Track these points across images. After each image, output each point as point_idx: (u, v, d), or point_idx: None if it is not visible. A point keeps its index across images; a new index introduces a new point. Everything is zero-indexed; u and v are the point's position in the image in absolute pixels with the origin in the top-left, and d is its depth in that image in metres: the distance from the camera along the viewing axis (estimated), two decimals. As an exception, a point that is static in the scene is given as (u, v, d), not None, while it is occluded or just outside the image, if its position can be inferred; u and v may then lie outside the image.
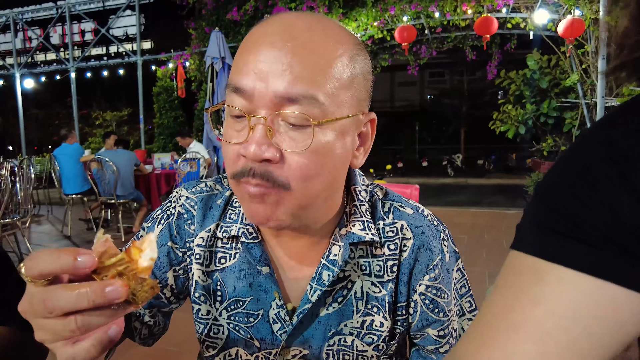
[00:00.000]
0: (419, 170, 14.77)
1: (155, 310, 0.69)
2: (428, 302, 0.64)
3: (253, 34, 0.53)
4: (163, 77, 9.09)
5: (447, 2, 5.99)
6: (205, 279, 0.66)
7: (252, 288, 0.64)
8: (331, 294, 0.63)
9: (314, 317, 0.63)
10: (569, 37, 5.77)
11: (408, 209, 0.67)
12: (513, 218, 5.91)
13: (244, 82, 0.50)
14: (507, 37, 7.73)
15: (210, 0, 7.27)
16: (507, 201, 8.76)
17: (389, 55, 8.55)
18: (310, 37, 0.50)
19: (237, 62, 0.53)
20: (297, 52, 0.49)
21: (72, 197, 5.46)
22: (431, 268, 0.64)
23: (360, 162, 0.59)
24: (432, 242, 0.65)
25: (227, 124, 0.54)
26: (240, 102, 0.51)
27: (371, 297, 0.64)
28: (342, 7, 6.44)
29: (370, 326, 0.64)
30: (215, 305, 0.66)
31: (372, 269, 0.64)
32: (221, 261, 0.66)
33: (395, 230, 0.65)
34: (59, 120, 22.12)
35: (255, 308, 0.64)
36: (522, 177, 9.58)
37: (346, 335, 0.64)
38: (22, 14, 9.94)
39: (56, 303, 0.36)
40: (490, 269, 3.83)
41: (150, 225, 0.69)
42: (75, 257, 0.36)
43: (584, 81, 6.43)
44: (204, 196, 0.68)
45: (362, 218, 0.62)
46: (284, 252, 0.65)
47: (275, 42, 0.49)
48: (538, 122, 7.56)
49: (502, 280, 0.38)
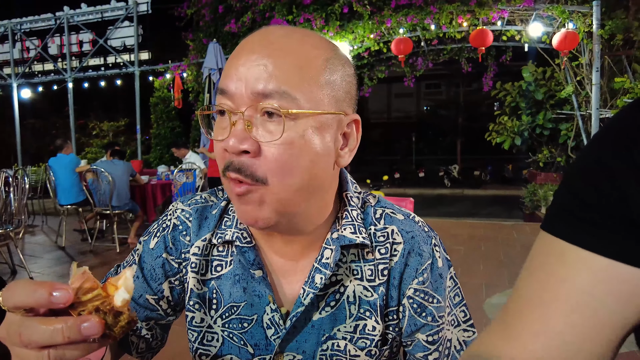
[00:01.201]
0: (416, 181, 14.79)
1: (152, 323, 0.69)
2: (416, 305, 0.65)
3: (239, 45, 0.57)
4: (160, 88, 9.11)
5: (442, 14, 6.05)
6: (200, 287, 0.67)
7: (246, 293, 0.65)
8: (324, 297, 0.64)
9: (307, 321, 0.64)
10: (563, 49, 5.83)
11: (399, 215, 0.69)
12: (510, 229, 5.91)
13: (227, 83, 0.54)
14: (503, 49, 7.81)
15: (208, 12, 7.32)
16: (503, 212, 8.77)
17: (385, 67, 8.62)
18: (287, 41, 0.55)
19: (225, 69, 0.57)
20: (273, 54, 0.53)
21: (67, 207, 5.42)
22: (420, 272, 0.65)
23: (345, 161, 0.61)
24: (423, 246, 0.66)
25: (215, 124, 0.58)
26: (225, 103, 0.55)
27: (363, 301, 0.65)
28: (339, 19, 6.49)
29: (363, 330, 0.65)
30: (210, 313, 0.67)
31: (363, 273, 0.65)
32: (217, 269, 0.67)
33: (386, 235, 0.66)
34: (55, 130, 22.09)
35: (249, 313, 0.65)
36: (519, 188, 9.59)
37: (339, 339, 0.64)
38: (21, 25, 9.97)
39: (31, 337, 0.36)
40: (487, 281, 3.81)
41: (147, 238, 0.71)
42: (51, 293, 0.36)
43: (579, 93, 6.49)
44: (199, 207, 0.70)
45: (353, 222, 0.64)
46: (278, 256, 0.66)
47: (255, 47, 0.54)
48: (534, 133, 7.60)
49: (534, 262, 0.45)
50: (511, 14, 6.29)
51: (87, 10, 9.45)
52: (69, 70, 9.65)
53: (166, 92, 8.95)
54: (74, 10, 9.55)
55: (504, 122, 7.87)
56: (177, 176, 5.41)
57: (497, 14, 6.05)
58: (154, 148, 9.19)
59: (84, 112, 17.55)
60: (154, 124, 9.22)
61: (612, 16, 5.74)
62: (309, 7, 6.53)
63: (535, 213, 6.99)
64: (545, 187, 6.66)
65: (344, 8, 6.39)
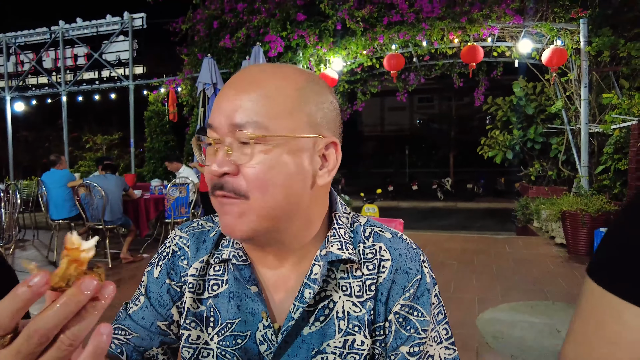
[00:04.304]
0: (409, 194, 14.85)
1: (166, 348, 0.72)
2: (402, 320, 0.67)
3: (224, 85, 0.63)
4: (155, 102, 9.13)
5: (434, 31, 6.15)
6: (197, 306, 0.70)
7: (240, 310, 0.68)
8: (314, 312, 0.67)
9: (297, 335, 0.66)
10: (552, 65, 5.94)
11: (387, 233, 0.72)
12: (502, 243, 5.93)
13: (213, 118, 0.61)
14: (494, 64, 7.94)
15: (202, 27, 7.39)
16: (496, 225, 8.82)
17: (378, 82, 8.72)
18: (260, 76, 0.61)
19: (213, 106, 0.63)
20: (246, 89, 0.59)
21: (58, 222, 5.38)
22: (407, 289, 0.67)
23: (324, 180, 0.64)
24: (410, 264, 0.69)
25: (207, 153, 0.64)
26: (212, 135, 0.61)
27: (352, 317, 0.67)
28: (333, 36, 6.58)
29: (352, 345, 0.66)
30: (207, 331, 0.69)
31: (352, 289, 0.68)
32: (214, 288, 0.70)
33: (374, 252, 0.69)
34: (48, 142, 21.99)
35: (243, 329, 0.67)
36: (511, 201, 9.66)
37: (329, 354, 0.66)
38: (15, 38, 9.99)
39: (44, 326, 0.34)
40: (480, 295, 3.81)
41: (150, 269, 0.74)
42: (27, 284, 0.34)
43: (568, 108, 6.59)
44: (196, 232, 0.75)
45: (341, 239, 0.67)
46: (271, 273, 0.69)
47: (233, 85, 0.61)
48: (525, 147, 7.69)
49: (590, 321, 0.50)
50: (501, 31, 6.41)
51: (82, 25, 9.51)
52: (64, 84, 9.66)
53: (160, 106, 8.97)
54: (69, 25, 9.60)
55: (496, 136, 7.96)
56: (170, 191, 5.39)
57: (488, 30, 6.17)
58: (147, 162, 9.17)
59: (77, 125, 17.50)
60: (147, 137, 9.21)
61: (598, 33, 5.87)
62: (303, 24, 6.61)
63: (527, 226, 7.04)
64: (537, 200, 6.73)
65: (337, 25, 6.48)
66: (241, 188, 0.59)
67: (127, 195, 5.29)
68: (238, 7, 7.02)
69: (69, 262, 0.37)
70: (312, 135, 0.61)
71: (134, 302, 0.73)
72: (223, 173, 0.59)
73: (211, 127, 0.61)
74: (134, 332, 0.69)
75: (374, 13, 6.39)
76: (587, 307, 0.50)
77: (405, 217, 2.21)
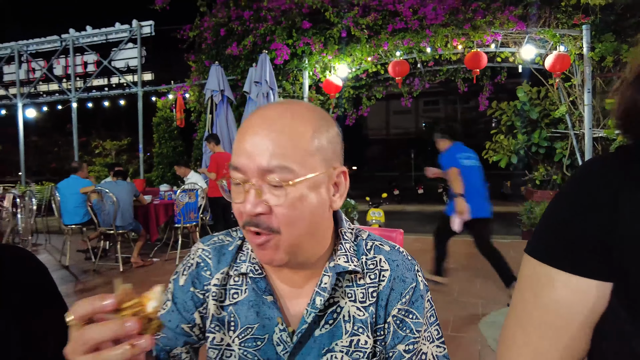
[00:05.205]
0: (415, 198, 14.87)
1: (189, 347, 0.82)
2: (399, 322, 0.77)
3: (243, 126, 0.71)
4: (163, 108, 9.27)
5: (438, 38, 6.22)
6: (219, 312, 0.80)
7: (259, 316, 0.77)
8: (323, 317, 0.77)
9: (310, 337, 0.76)
10: (556, 71, 5.99)
11: (386, 247, 0.82)
12: (507, 247, 5.96)
13: (238, 161, 0.68)
14: (498, 69, 7.99)
15: (210, 35, 7.50)
16: (502, 229, 8.81)
17: (383, 88, 8.80)
18: (281, 122, 0.68)
19: (235, 147, 0.71)
20: (272, 137, 0.66)
21: (71, 227, 5.50)
22: (403, 295, 0.78)
23: (337, 204, 0.74)
24: (406, 273, 0.79)
25: (232, 189, 0.72)
26: (238, 175, 0.69)
27: (357, 320, 0.77)
28: (338, 43, 6.67)
29: (357, 344, 0.76)
30: (229, 334, 0.79)
31: (356, 295, 0.78)
32: (234, 296, 0.80)
33: (375, 263, 0.80)
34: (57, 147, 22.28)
35: (262, 333, 0.77)
36: (517, 204, 9.66)
37: (337, 352, 0.76)
38: (27, 46, 10.20)
39: (90, 335, 0.48)
40: (484, 299, 3.87)
41: (176, 277, 0.84)
42: (102, 301, 0.49)
43: (572, 112, 6.63)
44: (216, 246, 0.84)
45: (347, 253, 0.78)
46: (285, 284, 0.79)
47: (257, 130, 0.68)
48: (530, 151, 7.73)
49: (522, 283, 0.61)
50: (504, 37, 6.48)
51: (92, 33, 9.68)
52: (74, 91, 9.84)
53: (169, 112, 9.11)
54: (79, 33, 9.78)
55: (500, 140, 8.01)
56: (179, 196, 5.51)
57: (491, 37, 6.23)
58: (156, 167, 9.30)
59: (86, 130, 17.74)
60: (156, 143, 9.35)
61: (601, 39, 5.93)
62: (309, 31, 6.71)
63: (532, 230, 7.05)
64: (542, 204, 6.76)
65: (342, 32, 6.57)
66: (274, 226, 0.67)
67: (137, 200, 5.42)
68: (245, 15, 7.13)
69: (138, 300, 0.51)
70: (328, 170, 0.71)
71: (162, 306, 0.83)
72: (257, 213, 0.66)
73: (237, 168, 0.68)
74: (161, 333, 0.79)
75: (379, 20, 6.47)
76: (524, 280, 0.60)
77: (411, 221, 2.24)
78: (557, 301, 0.56)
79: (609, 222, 0.51)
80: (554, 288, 0.56)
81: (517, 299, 0.62)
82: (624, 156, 0.55)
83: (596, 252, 0.53)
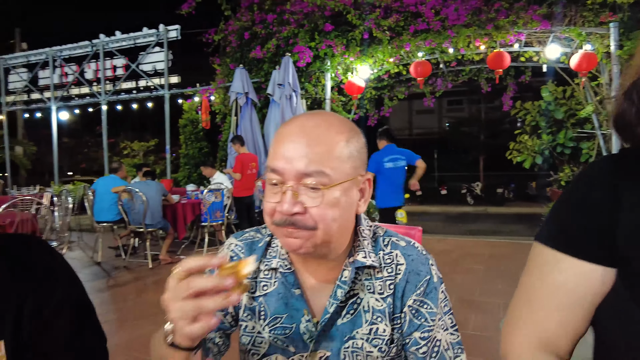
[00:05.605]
0: (438, 199, 14.75)
1: (221, 333, 0.92)
2: (414, 311, 0.84)
3: (281, 132, 0.79)
4: (189, 110, 9.52)
5: (460, 38, 6.21)
6: (251, 302, 0.89)
7: (287, 307, 0.86)
8: (345, 307, 0.85)
9: (332, 326, 0.84)
10: (582, 70, 5.89)
11: (402, 242, 0.90)
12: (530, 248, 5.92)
13: (277, 164, 0.76)
14: (522, 69, 7.89)
15: (234, 38, 7.66)
16: (527, 230, 8.71)
17: (405, 88, 8.80)
18: (317, 132, 0.76)
19: (273, 151, 0.79)
20: (309, 144, 0.74)
21: (103, 224, 5.74)
22: (418, 287, 0.85)
23: (362, 209, 0.83)
24: (420, 267, 0.86)
25: (267, 189, 0.79)
26: (275, 177, 0.77)
27: (375, 310, 0.84)
28: (359, 45, 6.73)
29: (376, 332, 0.84)
30: (259, 322, 0.88)
31: (375, 287, 0.85)
32: (264, 288, 0.89)
33: (392, 258, 0.87)
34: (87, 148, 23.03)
35: (290, 322, 0.86)
36: (542, 205, 9.52)
37: (358, 339, 0.84)
38: (61, 52, 10.62)
39: (195, 284, 0.60)
40: (505, 300, 3.87)
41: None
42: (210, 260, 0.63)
43: (600, 112, 6.50)
44: (248, 242, 0.93)
45: (365, 249, 0.85)
46: (311, 277, 0.87)
47: (295, 138, 0.76)
48: (555, 152, 7.61)
49: None
50: (528, 36, 6.40)
51: (121, 37, 9.99)
52: (103, 94, 10.18)
53: (194, 114, 9.33)
54: (109, 38, 10.10)
55: (524, 141, 7.90)
56: (206, 196, 5.68)
57: (514, 37, 6.17)
58: (182, 167, 9.54)
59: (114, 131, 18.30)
60: (182, 144, 9.60)
61: (630, 37, 5.80)
62: (331, 34, 6.80)
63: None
64: (567, 205, 6.65)
65: (364, 34, 6.63)
66: (309, 224, 0.74)
67: (166, 200, 5.61)
68: (268, 18, 7.26)
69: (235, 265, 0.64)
70: (357, 177, 0.79)
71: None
72: (293, 213, 0.74)
73: (275, 170, 0.76)
74: None
75: (400, 22, 6.50)
76: (532, 264, 0.68)
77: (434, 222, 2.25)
78: (563, 283, 0.63)
79: (611, 213, 0.59)
80: (560, 271, 0.63)
81: (525, 281, 0.70)
82: (627, 154, 0.63)
83: (601, 240, 0.60)
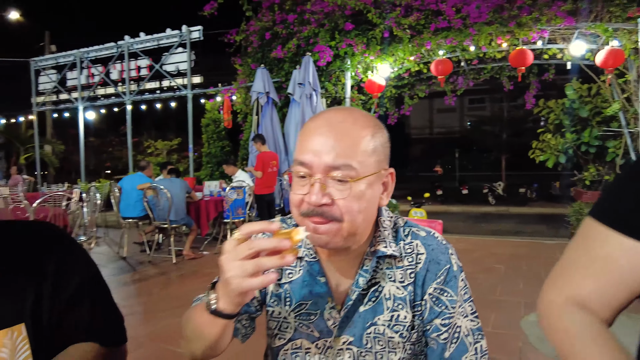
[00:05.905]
0: (459, 198, 14.58)
1: (248, 316, 0.97)
2: (434, 299, 0.87)
3: (308, 126, 0.82)
4: (211, 110, 9.67)
5: (481, 36, 6.15)
6: (277, 289, 0.94)
7: (312, 294, 0.91)
8: (367, 295, 0.88)
9: (355, 312, 0.88)
10: (608, 67, 5.76)
11: (422, 232, 0.92)
12: (553, 249, 5.84)
13: (305, 157, 0.79)
14: (545, 66, 7.76)
15: (255, 38, 7.75)
16: (549, 230, 8.56)
17: (426, 87, 8.75)
18: (344, 126, 0.79)
19: (300, 145, 0.82)
20: (337, 138, 0.77)
21: (128, 221, 5.91)
22: (438, 276, 0.87)
23: (385, 202, 0.86)
24: (440, 256, 0.88)
25: (295, 182, 0.83)
26: (303, 169, 0.80)
27: (397, 298, 0.87)
28: (380, 43, 6.73)
29: (397, 319, 0.87)
30: (285, 308, 0.93)
31: (395, 276, 0.88)
32: (289, 276, 0.93)
33: (412, 248, 0.90)
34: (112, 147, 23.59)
35: (314, 309, 0.90)
36: (566, 206, 9.33)
37: (379, 325, 0.87)
38: (87, 53, 10.93)
39: (256, 244, 0.67)
40: (526, 299, 3.84)
41: None
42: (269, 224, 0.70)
43: (627, 110, 6.35)
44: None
45: (385, 239, 0.88)
46: (335, 266, 0.90)
47: (322, 132, 0.79)
48: (579, 151, 7.47)
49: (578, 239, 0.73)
50: (552, 33, 6.30)
51: (145, 39, 10.22)
52: (128, 94, 10.44)
53: (217, 113, 9.48)
54: (133, 39, 10.36)
55: (547, 139, 7.78)
56: (229, 193, 5.79)
57: (537, 34, 6.08)
58: (204, 165, 9.71)
59: (138, 131, 18.72)
60: (205, 143, 9.76)
61: (659, 32, 5.65)
62: (351, 33, 6.82)
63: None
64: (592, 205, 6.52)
65: (384, 33, 6.63)
66: (336, 215, 0.77)
67: (189, 197, 5.74)
68: (289, 18, 7.33)
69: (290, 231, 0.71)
70: (380, 171, 0.83)
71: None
72: (322, 204, 0.77)
73: (303, 163, 0.79)
74: None
75: (421, 20, 6.47)
76: (580, 236, 0.71)
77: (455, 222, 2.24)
78: (605, 255, 0.66)
79: None
80: (606, 244, 0.66)
81: (569, 250, 0.73)
82: None
83: None
